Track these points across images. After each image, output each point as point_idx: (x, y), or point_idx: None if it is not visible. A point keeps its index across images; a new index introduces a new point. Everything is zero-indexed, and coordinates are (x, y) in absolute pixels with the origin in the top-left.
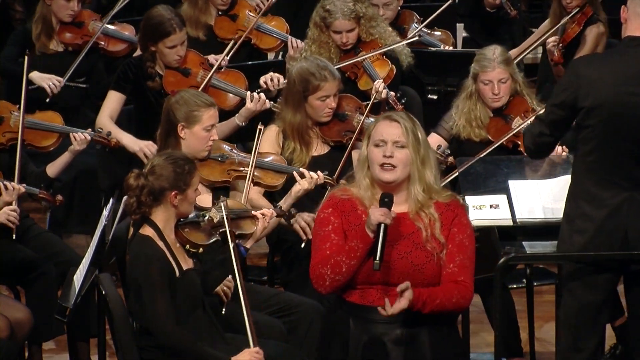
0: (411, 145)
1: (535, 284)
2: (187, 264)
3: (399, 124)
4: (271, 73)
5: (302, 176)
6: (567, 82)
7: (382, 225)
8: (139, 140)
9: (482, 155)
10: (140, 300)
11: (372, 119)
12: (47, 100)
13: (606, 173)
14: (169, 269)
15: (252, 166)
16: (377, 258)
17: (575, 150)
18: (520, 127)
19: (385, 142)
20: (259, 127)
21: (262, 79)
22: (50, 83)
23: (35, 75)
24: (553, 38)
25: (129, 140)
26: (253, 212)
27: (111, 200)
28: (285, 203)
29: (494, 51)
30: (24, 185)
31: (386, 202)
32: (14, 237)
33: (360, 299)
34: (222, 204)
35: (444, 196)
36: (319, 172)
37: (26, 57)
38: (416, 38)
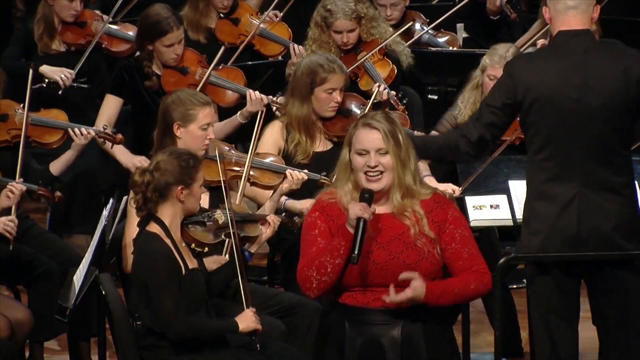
0: (392, 150)
1: None
2: (192, 263)
3: (379, 130)
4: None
5: (291, 175)
6: (503, 83)
7: (362, 220)
8: (132, 155)
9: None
10: (146, 299)
11: None
12: (60, 92)
13: (555, 169)
14: (176, 266)
15: (247, 166)
16: (355, 252)
17: (527, 150)
18: None
19: (367, 151)
20: (255, 127)
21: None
22: (62, 75)
23: (47, 69)
24: (542, 41)
25: (122, 157)
26: (267, 217)
27: (111, 200)
28: (271, 198)
29: (507, 49)
30: (23, 182)
31: (366, 197)
32: (10, 248)
33: (355, 300)
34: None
35: (425, 193)
36: (305, 171)
37: (30, 70)
38: (417, 36)
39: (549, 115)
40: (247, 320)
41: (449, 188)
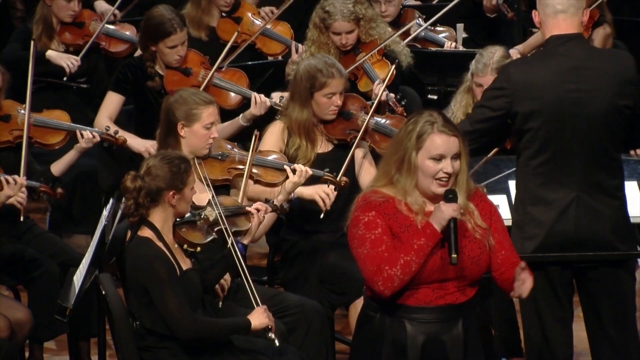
0: (463, 154)
1: None
2: (185, 264)
3: (456, 137)
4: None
5: (294, 171)
6: (500, 87)
7: (453, 220)
8: (143, 140)
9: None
10: (145, 301)
11: (376, 119)
12: (65, 78)
13: (552, 174)
14: (172, 266)
15: (249, 164)
16: (455, 252)
17: (517, 155)
18: None
19: (444, 156)
20: (254, 132)
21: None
22: (69, 62)
23: (53, 54)
24: None
25: (133, 142)
26: (247, 208)
27: (111, 200)
28: (277, 199)
29: (492, 56)
30: (25, 178)
31: (450, 197)
32: (21, 219)
33: (417, 300)
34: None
35: (471, 188)
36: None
37: (32, 43)
38: (414, 34)
39: (547, 121)
40: (259, 317)
41: None
